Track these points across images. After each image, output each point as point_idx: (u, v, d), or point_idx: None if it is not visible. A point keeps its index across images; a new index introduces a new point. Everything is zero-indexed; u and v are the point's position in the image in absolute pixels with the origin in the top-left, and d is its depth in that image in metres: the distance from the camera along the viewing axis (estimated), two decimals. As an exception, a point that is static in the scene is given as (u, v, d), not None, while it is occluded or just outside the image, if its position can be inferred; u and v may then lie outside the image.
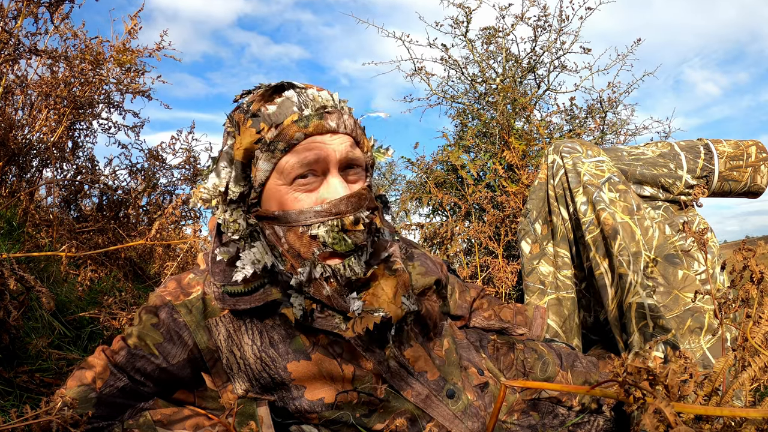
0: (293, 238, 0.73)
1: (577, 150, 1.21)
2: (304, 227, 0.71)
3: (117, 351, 0.73)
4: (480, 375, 0.87)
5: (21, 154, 1.75)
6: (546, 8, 2.66)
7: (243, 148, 0.71)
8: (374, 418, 0.76)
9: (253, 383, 0.74)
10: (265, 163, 0.71)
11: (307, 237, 0.72)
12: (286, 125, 0.70)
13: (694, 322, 1.03)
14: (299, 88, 0.73)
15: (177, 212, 1.99)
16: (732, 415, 0.46)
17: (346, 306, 0.73)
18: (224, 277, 0.74)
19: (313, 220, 0.71)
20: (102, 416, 0.69)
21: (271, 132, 0.70)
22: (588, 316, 1.23)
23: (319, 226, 0.71)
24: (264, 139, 0.70)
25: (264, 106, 0.72)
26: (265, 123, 0.71)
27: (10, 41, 1.37)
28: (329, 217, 0.71)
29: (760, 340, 0.55)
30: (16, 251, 1.34)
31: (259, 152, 0.71)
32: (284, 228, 0.73)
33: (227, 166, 0.73)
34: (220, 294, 0.73)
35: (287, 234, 0.73)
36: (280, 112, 0.71)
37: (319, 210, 0.71)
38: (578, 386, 0.67)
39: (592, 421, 0.85)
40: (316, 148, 0.70)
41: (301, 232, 0.72)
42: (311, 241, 0.72)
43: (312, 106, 0.72)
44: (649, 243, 1.08)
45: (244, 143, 0.71)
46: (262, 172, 0.71)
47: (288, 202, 0.72)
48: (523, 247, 1.26)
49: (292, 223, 0.72)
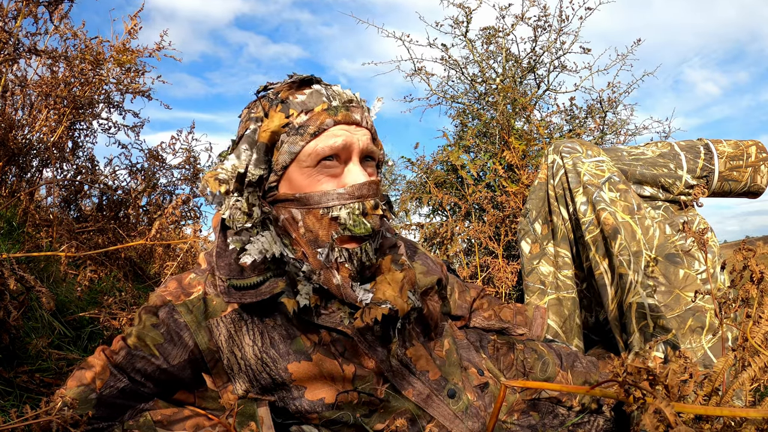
0: (312, 220, 0.74)
1: (577, 150, 1.21)
2: (324, 209, 0.74)
3: (117, 351, 0.73)
4: (480, 375, 0.87)
5: (21, 154, 1.75)
6: (546, 8, 2.66)
7: (270, 131, 0.74)
8: (374, 418, 0.76)
9: (253, 384, 0.74)
10: (292, 146, 0.74)
11: (327, 219, 0.74)
12: (317, 112, 0.74)
13: (696, 322, 1.03)
14: (325, 84, 0.79)
15: (177, 212, 1.99)
16: (732, 415, 0.46)
17: (354, 296, 0.75)
18: (230, 271, 0.74)
19: (335, 202, 0.74)
20: (102, 417, 0.69)
21: (301, 117, 0.74)
22: (589, 316, 1.23)
23: (340, 208, 0.74)
24: (292, 123, 0.74)
25: (293, 95, 0.76)
26: (294, 109, 0.74)
27: (10, 41, 1.37)
28: (351, 199, 0.74)
29: (760, 340, 0.55)
30: (16, 251, 1.34)
31: (286, 136, 0.74)
32: (303, 210, 0.75)
33: (248, 149, 0.75)
34: (225, 288, 0.73)
35: (306, 216, 0.75)
36: (310, 100, 0.75)
37: (342, 192, 0.74)
38: (578, 386, 0.67)
39: (592, 421, 0.85)
40: (343, 135, 0.75)
41: (321, 214, 0.74)
42: (331, 223, 0.74)
43: (339, 99, 0.77)
44: (650, 242, 1.08)
45: (272, 126, 0.74)
46: (287, 154, 0.74)
47: (311, 184, 0.74)
48: (523, 247, 1.26)
49: (314, 205, 0.74)
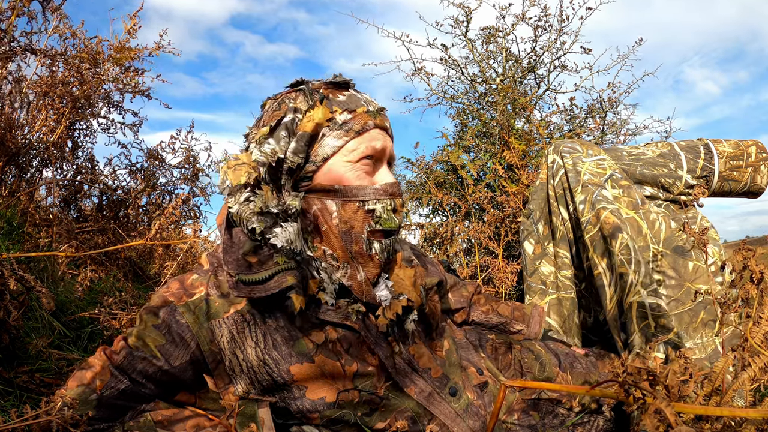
0: (348, 212, 0.78)
1: (577, 150, 1.22)
2: (361, 202, 0.78)
3: (118, 352, 0.73)
4: (479, 374, 0.87)
5: (21, 154, 1.75)
6: (546, 8, 2.66)
7: (315, 122, 0.77)
8: (375, 417, 0.76)
9: (255, 385, 0.74)
10: (334, 140, 0.77)
11: (362, 211, 0.78)
12: (359, 113, 0.79)
13: (708, 315, 1.02)
14: (357, 90, 0.84)
15: (177, 212, 1.99)
16: (732, 415, 0.46)
17: (374, 295, 0.78)
18: (237, 266, 0.74)
19: (371, 196, 0.78)
20: (102, 418, 0.69)
21: (344, 115, 0.78)
22: (588, 316, 1.23)
23: (375, 202, 0.78)
24: (335, 119, 0.78)
25: (334, 94, 0.80)
26: (337, 106, 0.78)
27: (5, 38, 1.37)
28: (385, 196, 0.79)
29: (760, 340, 0.55)
30: (16, 251, 1.34)
31: (328, 130, 0.78)
32: (339, 201, 0.77)
33: (287, 136, 0.77)
34: (233, 283, 0.73)
35: (342, 208, 0.77)
36: (351, 101, 0.80)
37: (378, 188, 0.79)
38: (578, 386, 0.67)
39: (592, 422, 0.85)
40: (382, 139, 0.81)
41: (357, 206, 0.78)
42: (366, 216, 0.78)
43: (374, 105, 0.82)
44: (656, 236, 1.07)
45: (317, 118, 0.77)
46: (329, 147, 0.77)
47: (351, 178, 0.78)
48: (526, 247, 1.26)
49: (351, 197, 0.77)
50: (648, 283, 1.00)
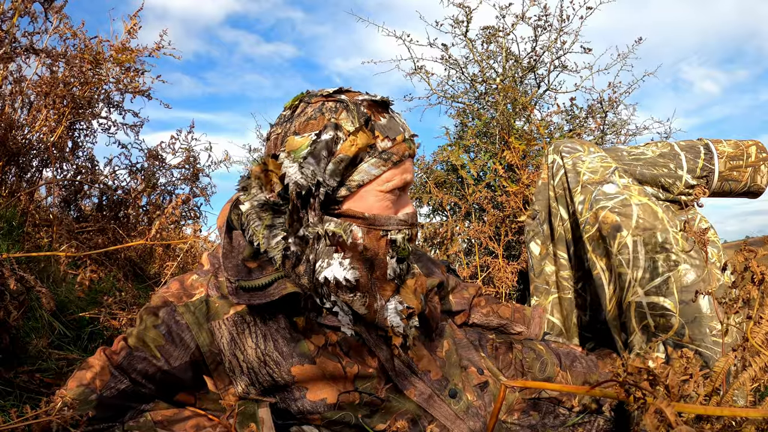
0: (372, 240, 0.77)
1: (578, 150, 1.22)
2: (384, 231, 0.78)
3: (118, 352, 0.73)
4: (480, 374, 0.87)
5: (21, 154, 1.75)
6: (546, 8, 2.66)
7: (358, 147, 0.73)
8: (376, 419, 0.76)
9: (255, 386, 0.74)
10: (373, 168, 0.75)
11: (385, 240, 0.78)
12: (398, 141, 0.77)
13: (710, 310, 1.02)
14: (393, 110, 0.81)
15: (177, 212, 1.99)
16: (732, 415, 0.46)
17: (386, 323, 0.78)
18: (237, 272, 0.73)
19: (394, 226, 0.78)
20: (102, 418, 0.69)
21: (385, 142, 0.75)
22: (583, 315, 1.23)
23: (398, 232, 0.79)
24: (377, 146, 0.75)
25: (376, 116, 0.76)
26: (380, 132, 0.75)
27: (6, 39, 1.37)
28: (406, 227, 0.80)
29: (760, 341, 0.55)
30: (16, 251, 1.34)
31: (367, 155, 0.75)
32: (365, 229, 0.76)
33: (327, 157, 0.72)
34: (233, 289, 0.73)
35: (367, 235, 0.76)
36: (391, 127, 0.77)
37: (402, 219, 0.79)
38: (578, 386, 0.67)
39: (592, 421, 0.85)
40: (411, 171, 0.81)
41: (381, 235, 0.77)
42: (388, 244, 0.78)
43: (408, 131, 0.80)
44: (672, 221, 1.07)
45: (360, 143, 0.73)
46: (366, 174, 0.75)
47: (382, 207, 0.77)
48: (532, 248, 1.26)
49: (378, 225, 0.77)
50: (647, 282, 1.00)
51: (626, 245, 1.04)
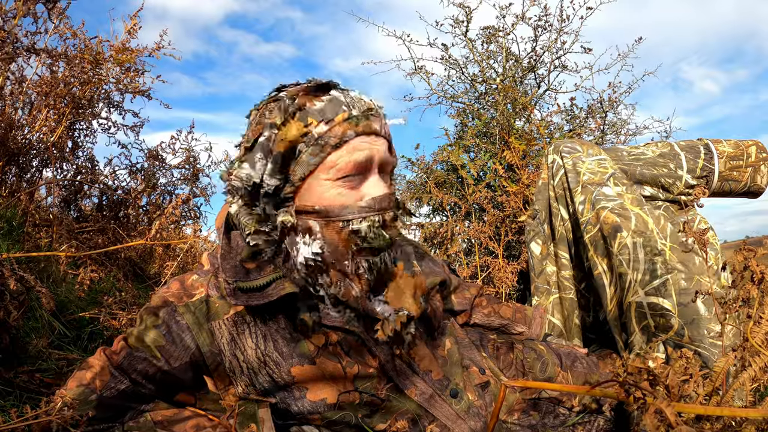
0: (332, 232, 0.72)
1: (577, 150, 1.22)
2: (344, 222, 0.72)
3: (118, 352, 0.73)
4: (481, 374, 0.87)
5: (21, 154, 1.75)
6: (546, 8, 2.66)
7: (288, 140, 0.70)
8: (376, 418, 0.76)
9: (255, 386, 0.74)
10: (311, 157, 0.70)
11: (347, 231, 0.72)
12: (337, 122, 0.70)
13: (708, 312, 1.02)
14: (343, 89, 0.74)
15: (177, 212, 1.98)
16: (732, 415, 0.46)
17: (373, 308, 0.75)
18: (235, 273, 0.73)
19: (355, 215, 0.72)
20: (102, 418, 0.69)
21: (321, 127, 0.70)
22: (587, 316, 1.23)
23: (361, 221, 0.72)
24: (311, 133, 0.70)
25: (311, 101, 0.71)
26: (313, 118, 0.70)
27: (8, 39, 1.37)
28: (372, 212, 0.72)
29: (760, 341, 0.55)
30: (16, 251, 1.34)
31: (304, 146, 0.70)
32: (322, 222, 0.72)
33: (263, 158, 0.72)
34: (231, 290, 0.72)
35: (324, 229, 0.72)
36: (330, 108, 0.71)
37: (363, 206, 0.72)
38: (578, 386, 0.67)
39: (592, 421, 0.85)
40: (366, 148, 0.72)
41: (341, 226, 0.72)
42: (350, 236, 0.72)
43: (359, 107, 0.73)
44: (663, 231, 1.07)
45: (290, 135, 0.70)
46: (306, 165, 0.71)
47: (332, 197, 0.72)
48: (533, 248, 1.26)
49: (333, 217, 0.72)
50: (647, 282, 1.00)
51: (626, 246, 1.04)
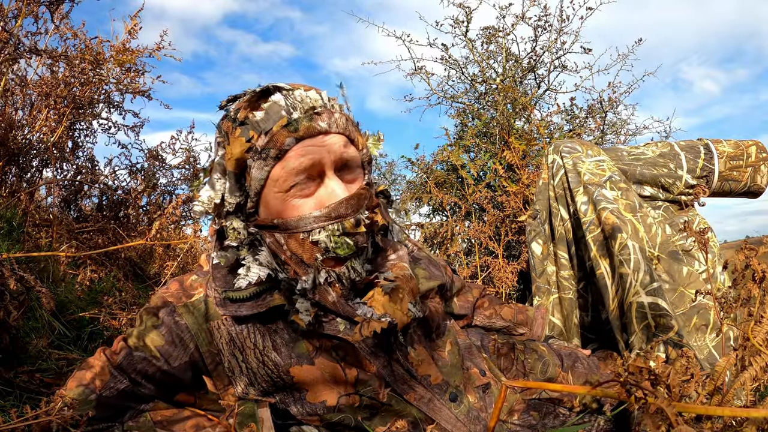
0: (294, 244, 0.71)
1: (577, 150, 1.22)
2: (304, 233, 0.70)
3: (118, 352, 0.73)
4: (482, 376, 0.87)
5: (21, 154, 1.75)
6: (546, 8, 2.66)
7: (234, 158, 0.69)
8: (376, 421, 0.76)
9: (254, 386, 0.74)
10: (259, 172, 0.69)
11: (308, 243, 0.70)
12: (276, 131, 0.68)
13: (700, 320, 1.03)
14: (286, 90, 0.71)
15: (177, 212, 1.98)
16: (733, 415, 0.46)
17: (352, 311, 0.73)
18: (225, 283, 0.73)
19: (313, 225, 0.70)
20: (102, 418, 0.69)
21: (261, 139, 0.68)
22: (585, 315, 1.23)
23: (319, 231, 0.70)
24: (255, 147, 0.68)
25: (251, 113, 0.69)
26: (254, 130, 0.68)
27: (10, 41, 1.37)
28: (329, 221, 0.70)
29: (761, 340, 0.54)
30: (16, 251, 1.34)
31: (251, 161, 0.69)
32: (285, 235, 0.72)
33: (221, 177, 0.72)
34: (221, 300, 0.73)
35: (288, 241, 0.72)
36: (268, 117, 0.68)
37: (318, 215, 0.70)
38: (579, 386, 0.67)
39: (592, 422, 0.85)
40: (309, 153, 0.68)
41: (302, 238, 0.70)
42: (313, 247, 0.70)
43: (301, 108, 0.69)
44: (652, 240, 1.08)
45: (235, 153, 0.69)
46: (256, 180, 0.70)
47: (286, 209, 0.70)
48: (534, 248, 1.26)
49: (292, 229, 0.70)
50: (647, 283, 1.00)
51: (627, 246, 1.04)
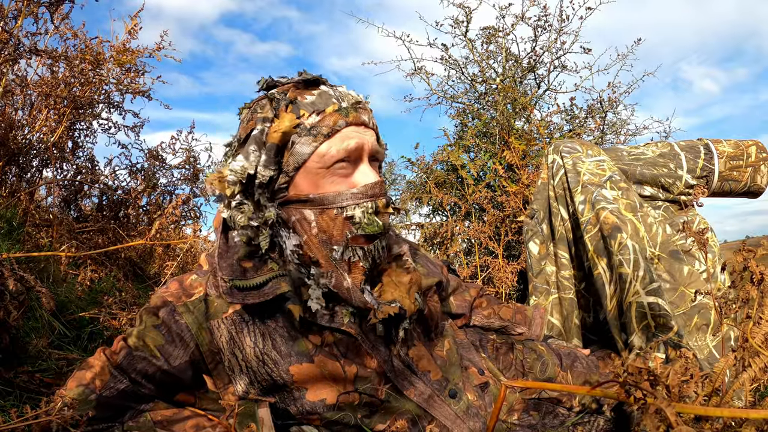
0: (326, 220, 0.75)
1: (577, 150, 1.22)
2: (339, 209, 0.75)
3: (118, 352, 0.73)
4: (480, 375, 0.87)
5: (21, 154, 1.75)
6: (546, 8, 2.66)
7: (281, 131, 0.73)
8: (376, 419, 0.76)
9: (254, 385, 0.74)
10: (305, 147, 0.74)
11: (341, 218, 0.75)
12: (329, 113, 0.74)
13: (701, 319, 1.02)
14: (331, 85, 0.79)
15: (177, 212, 1.99)
16: (732, 416, 0.46)
17: (364, 299, 0.76)
18: (232, 272, 0.74)
19: (349, 201, 0.75)
20: (102, 418, 0.69)
21: (312, 118, 0.74)
22: (587, 316, 1.23)
23: (354, 207, 0.75)
24: (304, 124, 0.74)
25: (302, 95, 0.75)
26: (305, 110, 0.74)
27: (10, 41, 1.37)
28: (365, 199, 0.75)
29: (760, 341, 0.55)
30: (16, 251, 1.34)
31: (297, 137, 0.74)
32: (317, 210, 0.75)
33: (257, 150, 0.74)
34: (228, 289, 0.73)
35: (320, 217, 0.75)
36: (321, 101, 0.75)
37: (356, 192, 0.75)
38: (578, 386, 0.67)
39: (592, 421, 0.85)
40: (355, 137, 0.75)
41: (335, 213, 0.75)
42: (345, 223, 0.75)
43: (347, 100, 0.77)
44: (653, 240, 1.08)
45: (282, 126, 0.73)
46: (299, 155, 0.74)
47: (325, 184, 0.75)
48: (531, 248, 1.26)
49: (328, 204, 0.74)
50: (647, 283, 1.00)
51: (626, 246, 1.04)
